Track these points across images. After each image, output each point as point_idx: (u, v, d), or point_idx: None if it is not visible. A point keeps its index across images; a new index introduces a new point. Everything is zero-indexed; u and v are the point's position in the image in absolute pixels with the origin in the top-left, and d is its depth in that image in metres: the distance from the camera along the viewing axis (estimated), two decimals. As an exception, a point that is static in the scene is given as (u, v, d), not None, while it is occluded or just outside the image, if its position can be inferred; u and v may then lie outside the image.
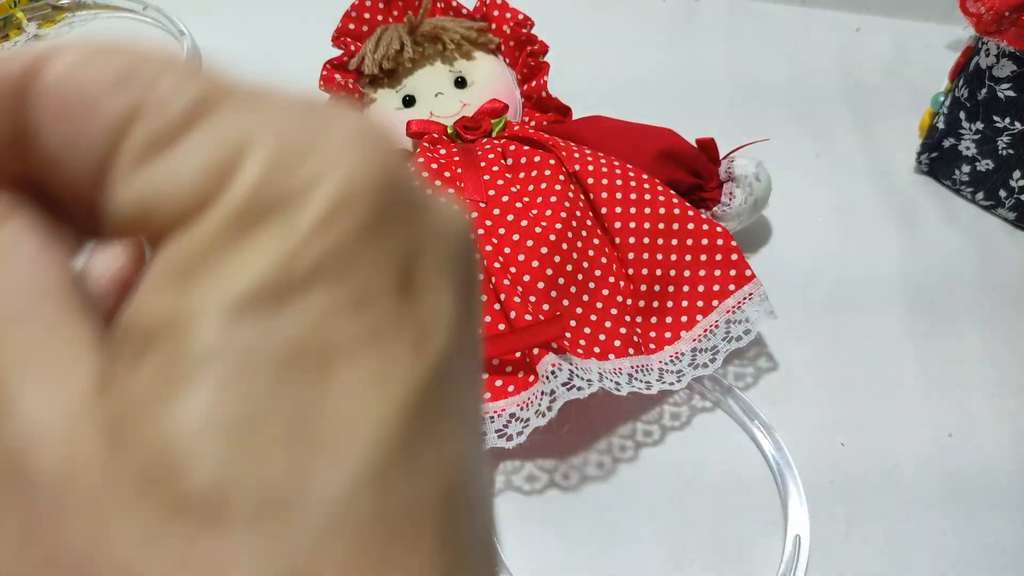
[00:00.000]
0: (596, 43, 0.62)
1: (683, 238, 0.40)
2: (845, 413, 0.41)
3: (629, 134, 0.44)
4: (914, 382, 0.42)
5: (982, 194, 0.51)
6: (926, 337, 0.44)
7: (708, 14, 0.66)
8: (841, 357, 0.43)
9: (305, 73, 0.50)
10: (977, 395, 0.42)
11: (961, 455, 0.40)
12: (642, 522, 0.36)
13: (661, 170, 0.43)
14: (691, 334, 0.39)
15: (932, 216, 0.52)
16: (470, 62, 0.46)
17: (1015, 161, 0.48)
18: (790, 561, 0.35)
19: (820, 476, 0.38)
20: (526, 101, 0.46)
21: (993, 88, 0.47)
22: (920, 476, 0.39)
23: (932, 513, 0.37)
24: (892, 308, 0.46)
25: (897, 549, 0.36)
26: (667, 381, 0.38)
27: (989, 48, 0.46)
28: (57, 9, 0.59)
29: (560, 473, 0.38)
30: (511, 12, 0.47)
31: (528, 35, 0.46)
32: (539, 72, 0.46)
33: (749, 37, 0.64)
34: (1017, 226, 0.51)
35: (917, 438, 0.40)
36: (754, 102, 0.59)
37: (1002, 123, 0.47)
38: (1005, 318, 0.46)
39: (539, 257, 0.38)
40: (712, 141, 0.45)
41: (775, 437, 0.39)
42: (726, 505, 0.37)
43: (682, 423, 0.40)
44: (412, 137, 0.44)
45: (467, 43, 0.46)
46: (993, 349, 0.44)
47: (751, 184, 0.44)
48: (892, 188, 0.53)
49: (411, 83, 0.46)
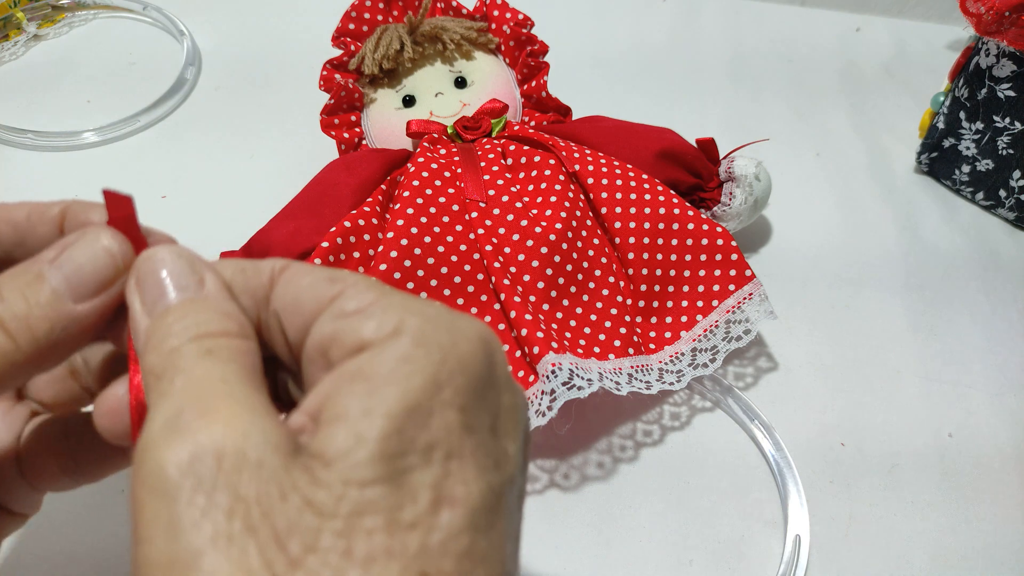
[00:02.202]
0: (596, 43, 0.62)
1: (683, 238, 0.40)
2: (845, 413, 0.41)
3: (629, 134, 0.44)
4: (914, 382, 0.42)
5: (982, 194, 0.51)
6: (926, 337, 0.45)
7: (708, 14, 0.66)
8: (841, 357, 0.43)
9: (305, 73, 0.51)
10: (977, 395, 0.42)
11: (961, 455, 0.40)
12: (642, 522, 0.36)
13: (661, 170, 0.43)
14: (691, 334, 0.39)
15: (932, 216, 0.52)
16: (470, 62, 0.46)
17: (1015, 161, 0.48)
18: (790, 561, 0.35)
19: (820, 476, 0.38)
20: (526, 101, 0.46)
21: (993, 88, 0.47)
22: (920, 476, 0.39)
23: (932, 513, 0.38)
24: (892, 308, 0.46)
25: (897, 549, 0.36)
26: (667, 381, 0.38)
27: (989, 48, 0.46)
28: (57, 9, 0.59)
29: (560, 473, 0.38)
30: (511, 12, 0.47)
31: (528, 35, 0.46)
32: (539, 72, 0.46)
33: (749, 37, 0.64)
34: (1017, 226, 0.51)
35: (917, 438, 0.40)
36: (754, 102, 0.59)
37: (1002, 123, 0.47)
38: (1005, 318, 0.46)
39: (539, 257, 0.38)
40: (712, 141, 0.45)
41: (775, 437, 0.39)
42: (726, 505, 0.37)
43: (682, 423, 0.40)
44: (412, 137, 0.44)
45: (467, 43, 0.46)
46: (993, 348, 0.44)
47: (751, 184, 0.44)
48: (892, 188, 0.53)
49: (411, 83, 0.46)
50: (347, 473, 0.16)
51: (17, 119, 0.51)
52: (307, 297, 0.19)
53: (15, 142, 0.50)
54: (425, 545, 0.16)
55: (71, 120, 0.52)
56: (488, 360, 0.18)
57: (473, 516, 0.16)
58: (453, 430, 0.17)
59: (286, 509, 0.15)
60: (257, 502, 0.15)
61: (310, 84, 0.48)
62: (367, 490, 0.16)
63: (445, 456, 0.17)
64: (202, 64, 0.57)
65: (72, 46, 0.58)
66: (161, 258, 0.20)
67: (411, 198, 0.39)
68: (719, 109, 0.58)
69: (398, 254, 0.37)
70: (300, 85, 0.53)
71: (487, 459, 0.17)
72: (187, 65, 0.56)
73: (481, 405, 0.18)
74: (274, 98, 0.54)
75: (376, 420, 0.16)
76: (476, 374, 0.18)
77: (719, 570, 0.35)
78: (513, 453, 0.19)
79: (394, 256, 0.37)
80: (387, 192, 0.40)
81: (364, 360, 0.17)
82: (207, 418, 0.16)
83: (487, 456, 0.17)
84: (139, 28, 0.60)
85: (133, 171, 0.50)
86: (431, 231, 0.38)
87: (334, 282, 0.19)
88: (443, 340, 0.18)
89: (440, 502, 0.16)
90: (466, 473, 0.17)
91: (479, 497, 0.17)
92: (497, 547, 0.17)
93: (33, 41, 0.58)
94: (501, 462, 0.18)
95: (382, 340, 0.18)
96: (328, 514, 0.15)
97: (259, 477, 0.16)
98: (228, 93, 0.55)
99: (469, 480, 0.17)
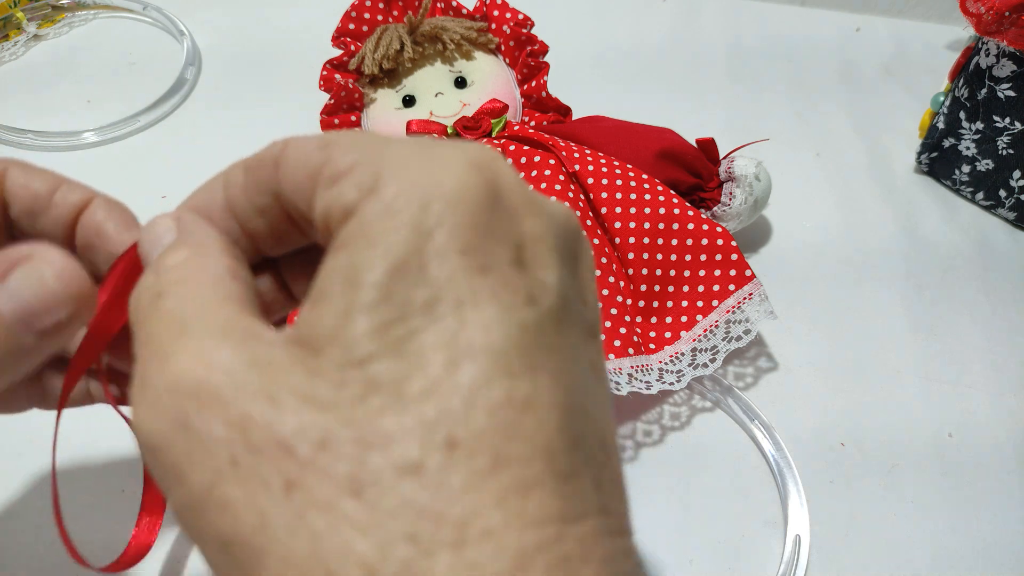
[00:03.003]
0: (596, 43, 0.62)
1: (683, 238, 0.40)
2: (845, 413, 0.41)
3: (629, 134, 0.44)
4: (914, 382, 0.42)
5: (982, 194, 0.51)
6: (926, 337, 0.45)
7: (708, 14, 0.66)
8: (841, 357, 0.43)
9: (305, 73, 0.50)
10: (977, 395, 0.42)
11: (961, 455, 0.40)
12: (642, 522, 0.36)
13: (661, 170, 0.43)
14: (691, 334, 0.39)
15: (932, 216, 0.52)
16: (470, 62, 0.46)
17: (1015, 161, 0.48)
18: (790, 561, 0.35)
19: (820, 476, 0.38)
20: (526, 101, 0.46)
21: (993, 88, 0.47)
22: (920, 476, 0.39)
23: (932, 513, 0.37)
24: (892, 308, 0.46)
25: (897, 549, 0.36)
26: (667, 381, 0.38)
27: (989, 48, 0.46)
28: (57, 9, 0.59)
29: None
30: (511, 12, 0.47)
31: (528, 35, 0.46)
32: (539, 72, 0.46)
33: (749, 37, 0.64)
34: (1017, 226, 0.51)
35: (917, 438, 0.40)
36: (754, 102, 0.59)
37: (1002, 123, 0.47)
38: (1005, 317, 0.46)
39: None
40: (712, 141, 0.45)
41: (775, 437, 0.39)
42: (726, 505, 0.37)
43: (682, 423, 0.40)
44: (412, 137, 0.44)
45: (467, 43, 0.46)
46: (993, 348, 0.44)
47: (751, 184, 0.44)
48: (892, 188, 0.53)
49: (411, 83, 0.46)
50: (340, 356, 0.15)
51: (17, 119, 0.51)
52: (302, 173, 0.18)
53: (15, 142, 0.50)
54: (446, 409, 0.14)
55: (71, 120, 0.52)
56: (487, 188, 0.16)
57: (502, 361, 0.15)
58: (458, 276, 0.15)
59: (282, 415, 0.14)
60: (250, 421, 0.14)
61: (310, 84, 0.48)
62: (367, 368, 0.14)
63: (455, 306, 0.15)
64: (202, 64, 0.57)
65: (72, 46, 0.58)
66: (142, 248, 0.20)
67: None
68: (719, 109, 0.58)
69: None
70: (300, 85, 0.53)
71: (514, 296, 0.15)
72: (187, 65, 0.56)
73: (491, 239, 0.16)
74: (274, 98, 0.54)
75: (360, 290, 0.15)
76: (473, 207, 0.16)
77: (719, 570, 0.35)
78: (553, 282, 0.16)
79: None
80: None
81: (348, 228, 0.16)
82: (167, 365, 0.15)
83: (514, 293, 0.15)
84: (139, 28, 0.60)
85: (133, 171, 0.50)
86: None
87: (323, 148, 0.17)
88: (422, 180, 0.16)
89: (456, 358, 0.14)
90: (485, 317, 0.15)
91: (506, 339, 0.15)
92: (548, 388, 0.15)
93: (33, 41, 0.58)
94: (537, 295, 0.16)
95: (362, 201, 0.16)
96: (330, 405, 0.14)
97: (242, 398, 0.15)
98: (228, 93, 0.55)
99: (490, 324, 0.15)
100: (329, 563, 0.13)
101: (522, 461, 0.14)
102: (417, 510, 0.13)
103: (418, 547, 0.13)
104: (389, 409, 0.14)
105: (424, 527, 0.13)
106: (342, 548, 0.13)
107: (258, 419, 0.14)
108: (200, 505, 0.15)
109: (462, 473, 0.14)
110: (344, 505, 0.14)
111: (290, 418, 0.14)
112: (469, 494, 0.14)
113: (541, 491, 0.14)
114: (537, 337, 0.15)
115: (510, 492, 0.14)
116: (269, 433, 0.14)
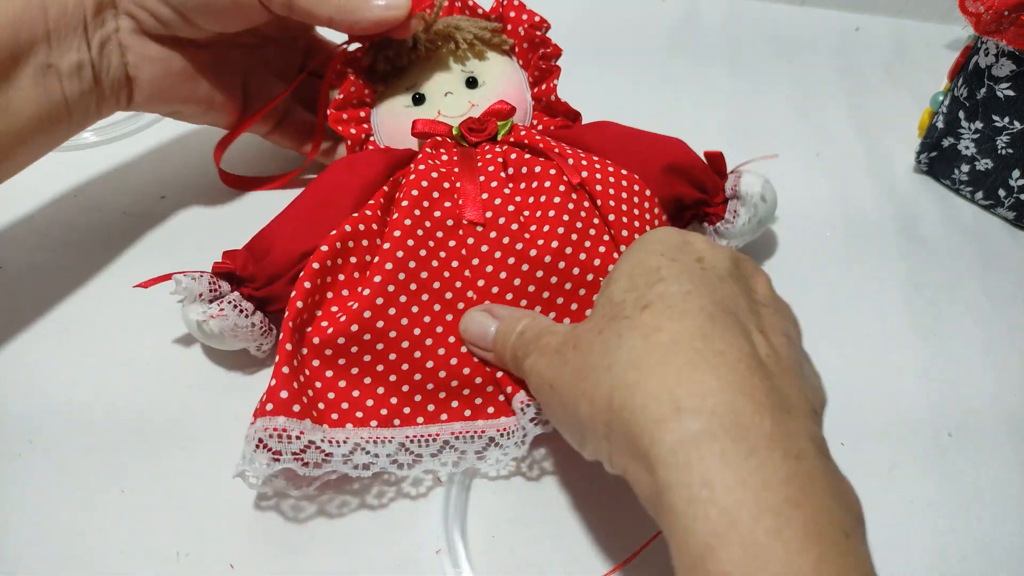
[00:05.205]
0: (596, 43, 0.62)
1: None
2: (846, 413, 0.41)
3: (637, 142, 0.44)
4: (914, 381, 0.42)
5: (981, 193, 0.51)
6: (926, 336, 0.45)
7: (708, 14, 0.66)
8: (841, 357, 0.43)
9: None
10: (977, 395, 0.42)
11: (961, 455, 0.40)
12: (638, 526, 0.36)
13: (667, 183, 0.42)
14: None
15: (932, 216, 0.52)
16: (483, 62, 0.46)
17: (1014, 160, 0.48)
18: (790, 561, 0.35)
19: (820, 476, 0.38)
20: (536, 104, 0.46)
21: (992, 87, 0.47)
22: (920, 476, 0.39)
23: (932, 513, 0.38)
24: (892, 308, 0.46)
25: (897, 549, 0.36)
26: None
27: (988, 48, 0.46)
28: (57, 9, 0.59)
29: (561, 473, 0.38)
30: (527, 14, 0.46)
31: (542, 37, 0.45)
32: (550, 75, 0.45)
33: (749, 37, 0.64)
34: (1017, 226, 0.51)
35: (917, 437, 0.40)
36: (754, 102, 0.59)
37: (1001, 122, 0.47)
38: (1005, 317, 0.46)
39: (534, 281, 0.38)
40: (720, 155, 0.44)
41: (775, 437, 0.39)
42: (726, 505, 0.37)
43: (682, 423, 0.40)
44: (417, 137, 0.43)
45: (480, 43, 0.46)
46: (993, 349, 0.44)
47: (756, 205, 0.43)
48: (892, 188, 0.53)
49: (422, 81, 0.45)
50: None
51: (17, 119, 0.51)
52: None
53: (15, 142, 0.50)
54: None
55: (71, 120, 0.52)
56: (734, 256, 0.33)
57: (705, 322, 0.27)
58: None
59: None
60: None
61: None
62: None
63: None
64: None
65: (72, 46, 0.58)
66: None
67: (409, 208, 0.38)
68: (719, 109, 0.58)
69: (393, 266, 0.37)
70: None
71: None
72: (187, 65, 0.55)
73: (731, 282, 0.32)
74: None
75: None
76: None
77: (719, 570, 0.35)
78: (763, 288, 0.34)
79: (389, 268, 0.37)
80: (388, 194, 0.40)
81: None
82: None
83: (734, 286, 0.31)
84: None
85: (133, 171, 0.50)
86: (426, 245, 0.38)
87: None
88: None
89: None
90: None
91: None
92: (733, 337, 0.27)
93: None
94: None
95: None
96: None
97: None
98: (228, 93, 0.55)
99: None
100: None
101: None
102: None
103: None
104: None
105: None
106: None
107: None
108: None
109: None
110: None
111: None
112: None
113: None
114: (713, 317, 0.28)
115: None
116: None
